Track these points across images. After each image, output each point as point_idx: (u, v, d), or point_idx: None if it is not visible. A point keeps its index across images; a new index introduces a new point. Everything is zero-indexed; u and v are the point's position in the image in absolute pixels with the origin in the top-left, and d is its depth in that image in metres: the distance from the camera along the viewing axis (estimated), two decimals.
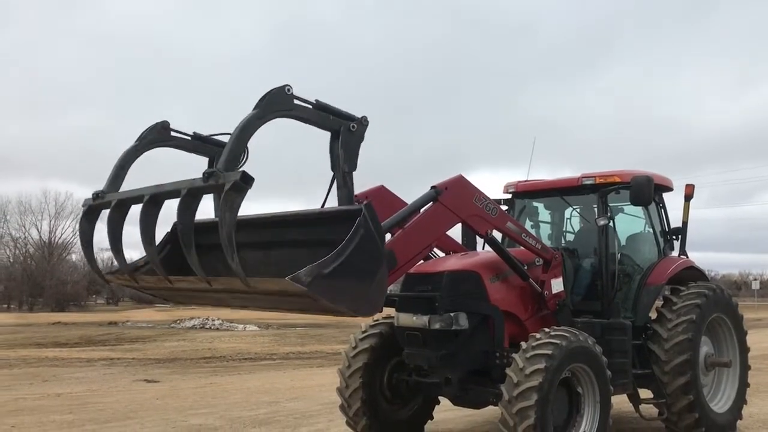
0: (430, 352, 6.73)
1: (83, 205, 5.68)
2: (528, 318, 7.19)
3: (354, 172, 5.11)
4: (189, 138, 5.88)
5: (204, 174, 4.41)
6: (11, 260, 68.66)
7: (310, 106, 4.92)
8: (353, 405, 7.44)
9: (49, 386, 12.73)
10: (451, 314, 6.59)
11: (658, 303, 8.04)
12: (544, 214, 9.03)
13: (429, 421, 8.12)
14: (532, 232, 8.81)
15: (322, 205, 5.31)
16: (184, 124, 5.81)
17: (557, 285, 7.36)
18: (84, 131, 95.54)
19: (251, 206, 4.55)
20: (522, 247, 7.19)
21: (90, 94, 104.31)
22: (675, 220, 8.75)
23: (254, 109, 4.62)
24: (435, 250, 7.52)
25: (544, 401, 5.93)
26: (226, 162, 4.39)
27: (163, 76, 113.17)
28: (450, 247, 7.78)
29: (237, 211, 4.21)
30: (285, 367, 16.39)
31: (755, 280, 65.28)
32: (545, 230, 9.00)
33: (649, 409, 7.98)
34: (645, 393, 7.83)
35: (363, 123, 5.13)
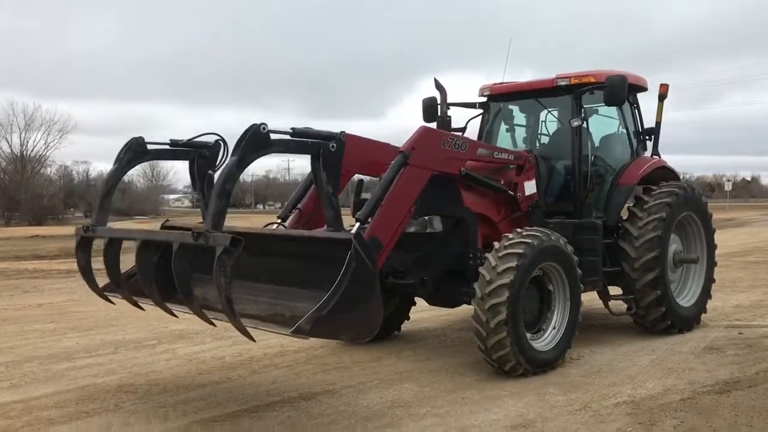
0: (405, 254, 6.80)
1: (76, 235, 5.80)
2: (501, 220, 7.29)
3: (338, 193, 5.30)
4: (167, 147, 5.88)
5: (193, 233, 4.48)
6: None
7: (288, 137, 5.00)
8: None
9: (30, 297, 12.79)
10: (426, 218, 6.65)
11: (630, 203, 8.17)
12: (519, 117, 8.98)
13: (405, 321, 8.36)
14: (507, 135, 8.81)
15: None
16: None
17: (530, 187, 7.44)
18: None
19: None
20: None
21: None
22: (648, 121, 8.77)
23: (232, 155, 4.70)
24: None
25: (515, 298, 6.09)
26: (213, 221, 4.48)
27: None
28: None
29: (230, 273, 4.29)
30: None
31: (728, 181, 66.12)
32: (520, 133, 8.97)
33: (619, 306, 8.25)
34: (615, 290, 8.07)
35: (341, 139, 5.21)
